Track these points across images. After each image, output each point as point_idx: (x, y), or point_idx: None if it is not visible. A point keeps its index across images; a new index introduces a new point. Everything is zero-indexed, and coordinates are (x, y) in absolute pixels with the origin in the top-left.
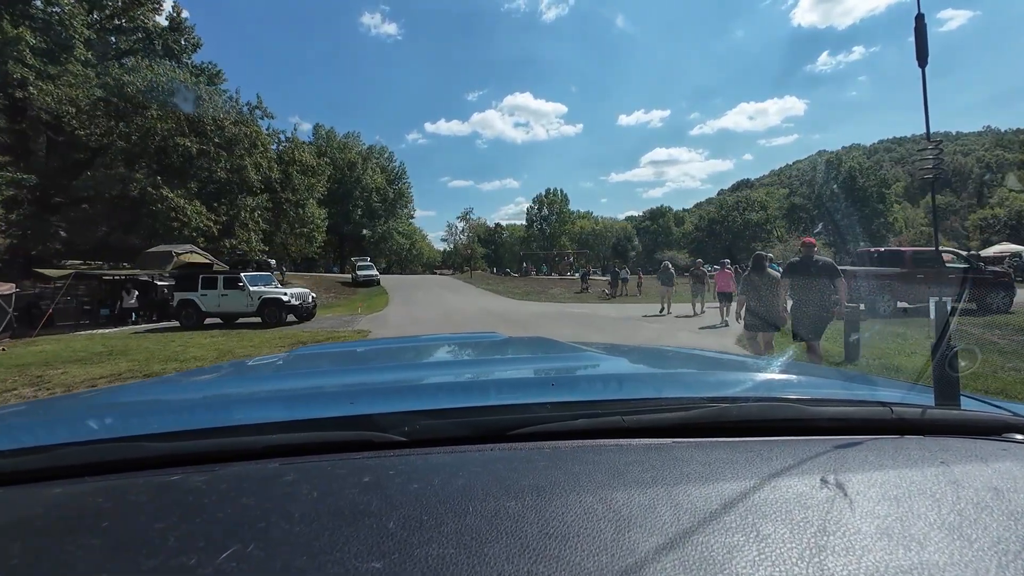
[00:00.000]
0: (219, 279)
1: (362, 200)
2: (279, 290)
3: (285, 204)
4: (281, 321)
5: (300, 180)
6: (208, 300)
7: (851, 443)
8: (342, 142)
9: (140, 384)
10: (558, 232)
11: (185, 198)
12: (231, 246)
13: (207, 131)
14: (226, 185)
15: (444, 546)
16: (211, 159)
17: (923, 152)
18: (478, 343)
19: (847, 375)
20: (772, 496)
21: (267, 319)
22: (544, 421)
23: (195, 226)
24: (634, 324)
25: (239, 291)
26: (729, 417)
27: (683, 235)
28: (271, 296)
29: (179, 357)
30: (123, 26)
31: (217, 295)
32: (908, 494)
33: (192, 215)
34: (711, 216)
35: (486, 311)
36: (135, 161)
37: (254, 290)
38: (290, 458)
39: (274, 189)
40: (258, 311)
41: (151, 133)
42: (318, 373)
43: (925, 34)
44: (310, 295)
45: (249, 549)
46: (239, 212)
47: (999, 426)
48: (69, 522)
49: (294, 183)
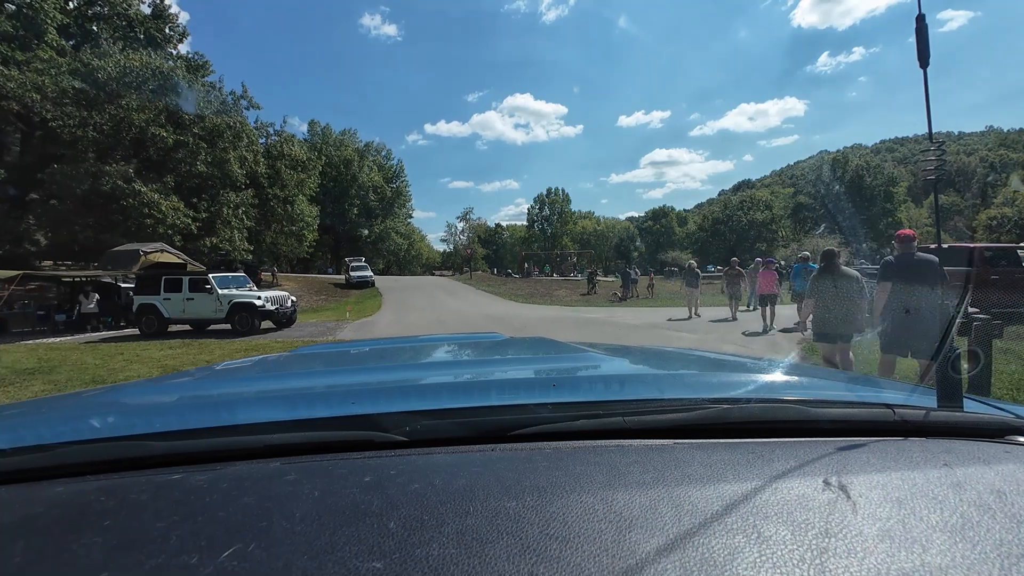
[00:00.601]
0: (184, 281)
1: (358, 199)
2: (251, 293)
3: (272, 201)
4: (254, 328)
5: (289, 175)
6: (172, 305)
7: (853, 445)
8: (338, 139)
9: (143, 383)
10: (560, 232)
11: (161, 193)
12: (212, 245)
13: (185, 121)
14: (207, 180)
15: (445, 546)
16: (190, 152)
17: (926, 153)
18: (479, 343)
19: (849, 376)
20: (774, 498)
21: (238, 326)
22: (545, 422)
23: (171, 223)
24: (663, 333)
25: (206, 294)
26: (731, 418)
27: (686, 235)
28: (242, 300)
29: (114, 376)
30: (103, 13)
31: (182, 299)
32: (910, 496)
33: (167, 211)
34: (715, 216)
35: (488, 317)
36: (109, 153)
37: (223, 293)
38: (291, 457)
39: (261, 185)
40: (228, 317)
41: (125, 123)
42: (320, 373)
43: (926, 36)
44: (289, 298)
45: (250, 548)
46: (221, 209)
47: (1002, 428)
48: (71, 521)
49: (282, 178)
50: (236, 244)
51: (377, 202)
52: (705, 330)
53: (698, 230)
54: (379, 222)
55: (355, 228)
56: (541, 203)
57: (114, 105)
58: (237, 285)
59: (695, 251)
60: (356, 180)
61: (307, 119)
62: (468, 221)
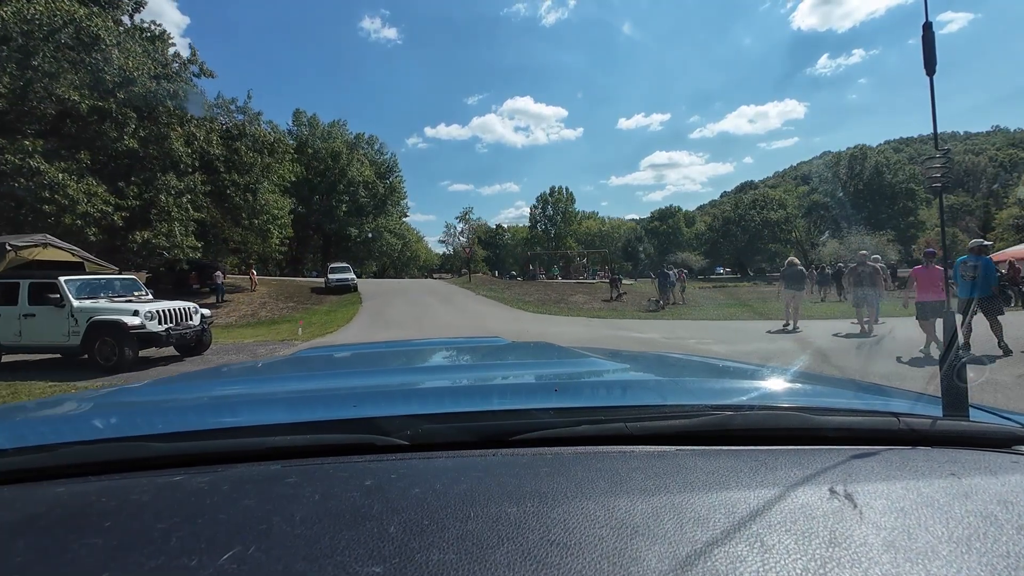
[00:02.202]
0: (22, 288)
1: (348, 195)
2: (122, 306)
3: (230, 189)
4: (124, 360)
5: (252, 159)
6: (2, 324)
7: (858, 454)
8: (326, 130)
9: (145, 384)
10: (564, 232)
11: (71, 173)
12: (143, 241)
13: (108, 84)
14: (141, 160)
15: (445, 551)
16: (115, 123)
17: (931, 160)
18: (481, 347)
19: (854, 384)
20: (777, 506)
21: (99, 357)
22: (547, 427)
23: (83, 211)
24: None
25: (54, 309)
26: (734, 425)
27: (695, 236)
28: (104, 319)
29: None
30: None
31: (15, 316)
32: (916, 506)
33: (78, 195)
34: (726, 215)
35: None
36: (14, 126)
37: (81, 306)
38: (292, 460)
39: (215, 169)
40: (84, 344)
41: (30, 85)
42: (321, 376)
43: (933, 43)
44: (196, 312)
45: (250, 551)
46: (158, 195)
47: (1008, 438)
48: (72, 521)
49: (243, 162)
50: (178, 240)
51: (368, 199)
52: (848, 354)
53: (707, 230)
54: (371, 221)
55: (344, 227)
56: (544, 202)
57: (12, 62)
58: (114, 293)
59: (704, 252)
60: (345, 175)
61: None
62: (468, 221)
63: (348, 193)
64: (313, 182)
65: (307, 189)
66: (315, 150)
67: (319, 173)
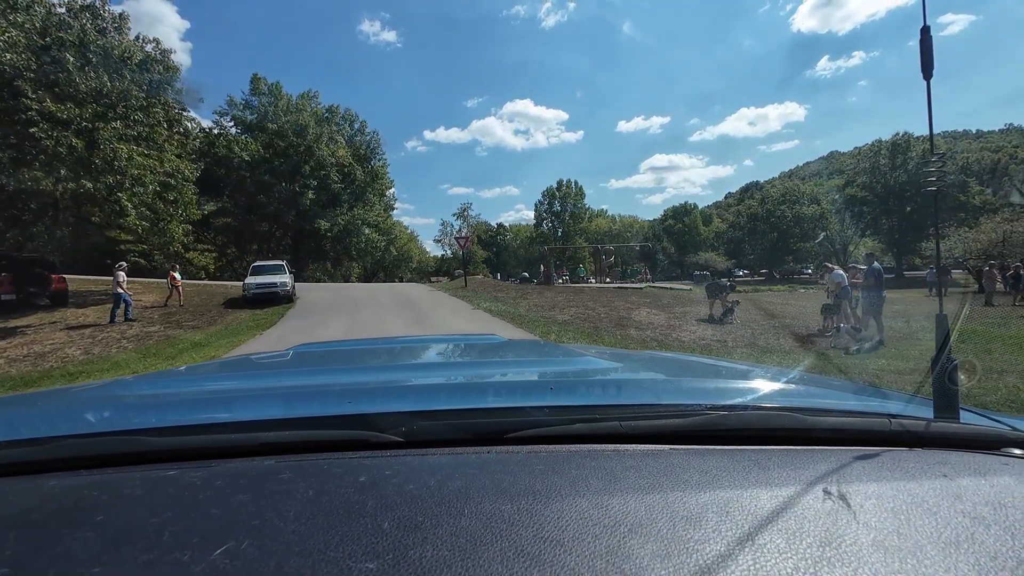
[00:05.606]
0: None
1: (316, 179)
2: None
3: (39, 125)
4: None
5: (92, 81)
6: None
7: (850, 454)
8: (293, 102)
9: (138, 378)
10: (573, 231)
11: None
12: None
13: None
14: None
15: (439, 548)
16: None
17: (926, 164)
18: (477, 345)
19: (847, 385)
20: (769, 506)
21: None
22: (542, 425)
23: None
24: None
25: None
26: (727, 425)
27: (715, 234)
28: None
29: None
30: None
31: None
32: (906, 507)
33: None
34: (752, 211)
35: None
36: None
37: None
38: (287, 456)
39: (18, 90)
40: None
41: None
42: (317, 371)
43: (931, 47)
44: None
45: (244, 546)
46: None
47: (998, 440)
48: (65, 515)
49: (71, 83)
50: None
51: (342, 185)
52: None
53: (730, 228)
54: (345, 212)
55: (311, 219)
56: (551, 198)
57: None
58: None
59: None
60: (312, 154)
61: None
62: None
63: (316, 177)
64: (273, 163)
65: (268, 173)
66: (279, 126)
67: (280, 153)
